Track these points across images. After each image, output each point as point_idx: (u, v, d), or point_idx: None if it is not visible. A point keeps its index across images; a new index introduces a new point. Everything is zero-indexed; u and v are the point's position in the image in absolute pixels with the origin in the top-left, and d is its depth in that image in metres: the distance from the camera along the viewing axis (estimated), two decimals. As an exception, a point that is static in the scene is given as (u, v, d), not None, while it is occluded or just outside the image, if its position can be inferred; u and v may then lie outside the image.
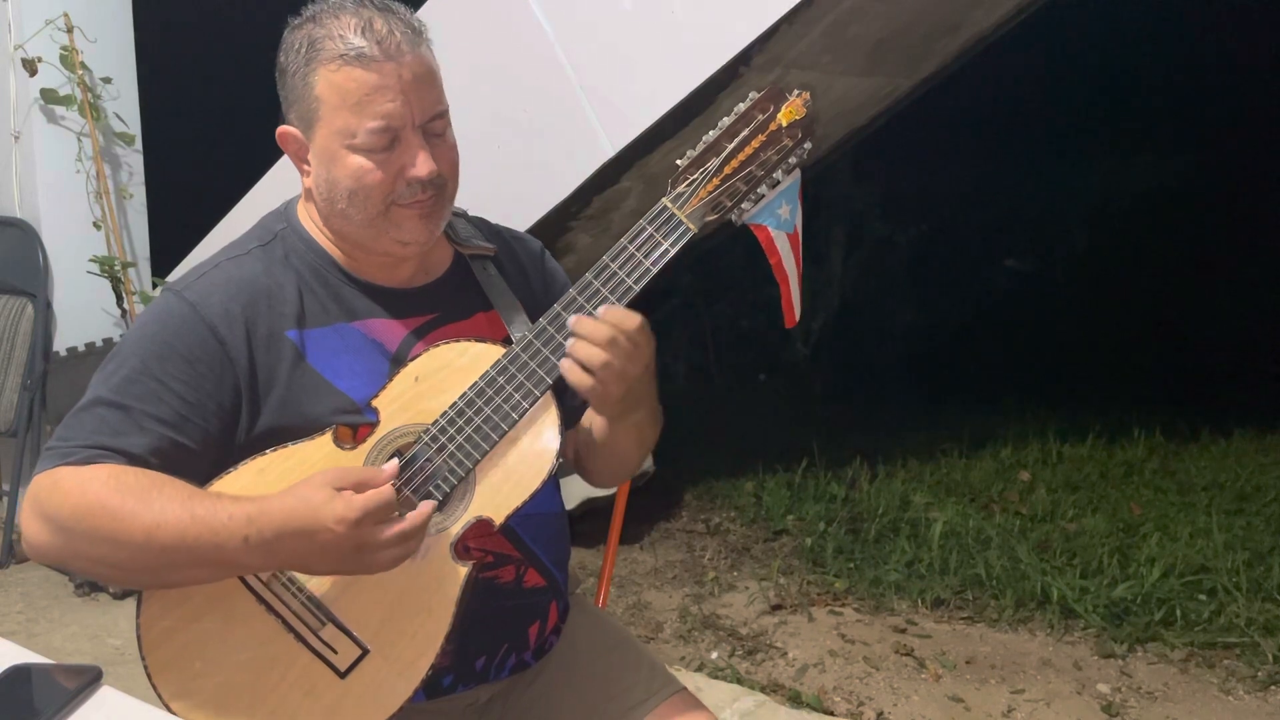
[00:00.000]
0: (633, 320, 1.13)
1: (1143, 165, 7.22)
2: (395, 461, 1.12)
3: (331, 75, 1.15)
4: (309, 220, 1.27)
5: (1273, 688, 2.81)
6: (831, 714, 2.66)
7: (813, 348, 6.18)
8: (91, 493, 1.08)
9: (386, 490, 1.07)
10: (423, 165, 1.17)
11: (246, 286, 1.20)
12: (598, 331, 1.12)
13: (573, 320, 1.13)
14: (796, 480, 4.16)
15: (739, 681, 2.76)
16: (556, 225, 3.07)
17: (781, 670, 2.87)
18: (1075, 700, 2.75)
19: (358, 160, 1.16)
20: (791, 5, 2.48)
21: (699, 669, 2.85)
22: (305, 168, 1.23)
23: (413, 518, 1.08)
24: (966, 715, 2.68)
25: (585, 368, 1.12)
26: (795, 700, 2.70)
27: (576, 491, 3.20)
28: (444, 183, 1.21)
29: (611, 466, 1.37)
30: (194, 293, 1.19)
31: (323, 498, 1.05)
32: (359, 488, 1.06)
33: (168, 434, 1.14)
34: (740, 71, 2.67)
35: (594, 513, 3.16)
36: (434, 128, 1.20)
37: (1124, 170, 7.24)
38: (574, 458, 1.40)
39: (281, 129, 1.23)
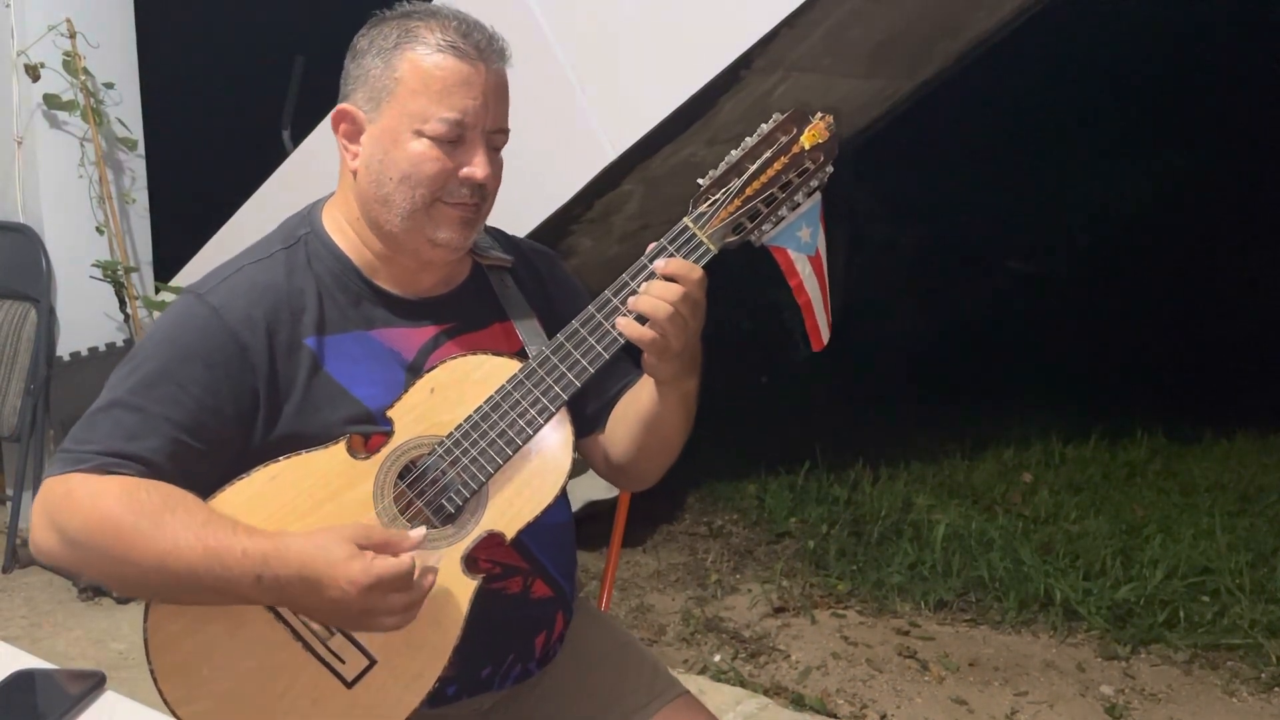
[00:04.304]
0: (697, 272, 1.13)
1: (1145, 167, 7.22)
2: (422, 530, 1.12)
3: (421, 60, 1.16)
4: (334, 224, 1.27)
5: (1276, 689, 2.81)
6: (834, 716, 2.66)
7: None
8: (104, 509, 1.07)
9: (405, 560, 1.06)
10: (481, 167, 1.18)
11: (269, 292, 1.20)
12: (665, 287, 1.12)
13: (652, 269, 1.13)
14: (799, 482, 4.16)
15: (742, 684, 2.76)
16: (558, 228, 3.07)
17: (784, 673, 2.87)
18: (1079, 702, 2.75)
19: (420, 146, 1.17)
20: (792, 8, 2.48)
21: (702, 672, 2.85)
22: (354, 149, 1.22)
23: (422, 587, 1.08)
24: (970, 717, 2.68)
25: (654, 319, 1.12)
26: (798, 703, 2.70)
27: (579, 494, 3.19)
28: (487, 194, 1.23)
29: (656, 448, 1.32)
30: (217, 296, 1.19)
31: (342, 554, 1.05)
32: (381, 549, 1.07)
33: (183, 438, 1.13)
34: (741, 74, 2.67)
35: (596, 515, 3.16)
36: (495, 140, 1.22)
37: (1126, 172, 7.24)
38: (602, 459, 1.38)
39: (340, 106, 1.22)
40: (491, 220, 1.43)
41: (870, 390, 5.59)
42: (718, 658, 2.94)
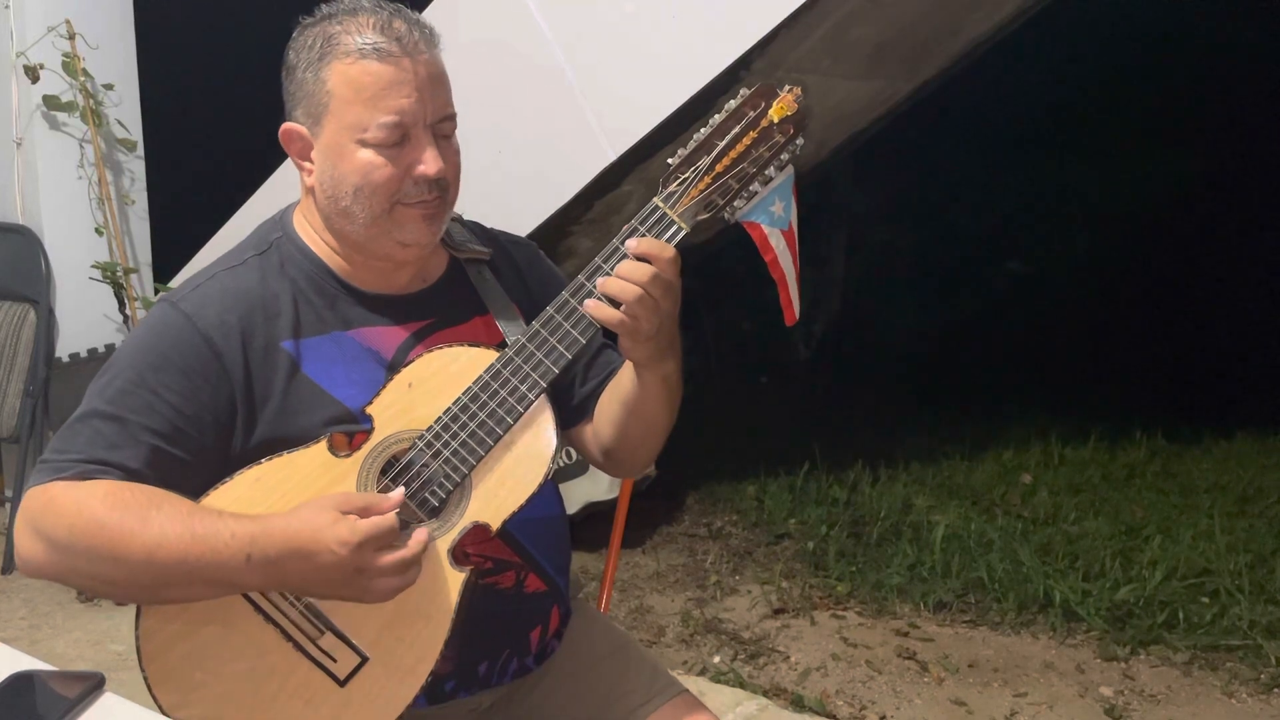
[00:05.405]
0: (668, 251, 1.12)
1: (1144, 167, 7.22)
2: (401, 490, 1.12)
3: (347, 69, 1.15)
4: (305, 228, 1.27)
5: (1276, 690, 2.80)
6: (834, 718, 2.66)
7: (814, 350, 6.18)
8: (89, 511, 1.07)
9: (390, 518, 1.08)
10: (432, 163, 1.17)
11: (243, 297, 1.20)
12: (635, 268, 1.10)
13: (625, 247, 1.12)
14: (798, 483, 4.15)
15: (741, 686, 2.76)
16: (558, 229, 3.07)
17: (784, 674, 2.87)
18: (1078, 703, 2.74)
19: (366, 155, 1.16)
20: (792, 9, 2.48)
21: (701, 673, 2.85)
22: (308, 166, 1.23)
23: (412, 546, 1.08)
24: (969, 718, 2.68)
25: (622, 301, 1.10)
26: (798, 704, 2.69)
27: (577, 495, 3.19)
28: (447, 185, 1.22)
29: (641, 433, 1.31)
30: (190, 304, 1.19)
31: (327, 520, 1.06)
32: (363, 513, 1.07)
33: (162, 446, 1.14)
34: (741, 76, 2.67)
35: (595, 517, 3.16)
36: (443, 129, 1.20)
37: (1125, 173, 7.23)
38: (592, 447, 1.38)
39: (286, 126, 1.23)
40: (492, 221, 1.43)
41: (870, 391, 5.58)
42: (717, 659, 2.94)
